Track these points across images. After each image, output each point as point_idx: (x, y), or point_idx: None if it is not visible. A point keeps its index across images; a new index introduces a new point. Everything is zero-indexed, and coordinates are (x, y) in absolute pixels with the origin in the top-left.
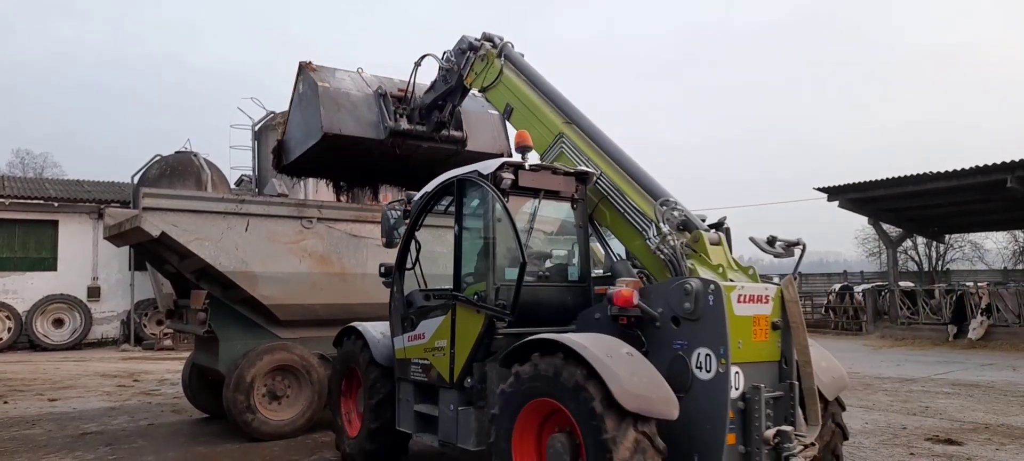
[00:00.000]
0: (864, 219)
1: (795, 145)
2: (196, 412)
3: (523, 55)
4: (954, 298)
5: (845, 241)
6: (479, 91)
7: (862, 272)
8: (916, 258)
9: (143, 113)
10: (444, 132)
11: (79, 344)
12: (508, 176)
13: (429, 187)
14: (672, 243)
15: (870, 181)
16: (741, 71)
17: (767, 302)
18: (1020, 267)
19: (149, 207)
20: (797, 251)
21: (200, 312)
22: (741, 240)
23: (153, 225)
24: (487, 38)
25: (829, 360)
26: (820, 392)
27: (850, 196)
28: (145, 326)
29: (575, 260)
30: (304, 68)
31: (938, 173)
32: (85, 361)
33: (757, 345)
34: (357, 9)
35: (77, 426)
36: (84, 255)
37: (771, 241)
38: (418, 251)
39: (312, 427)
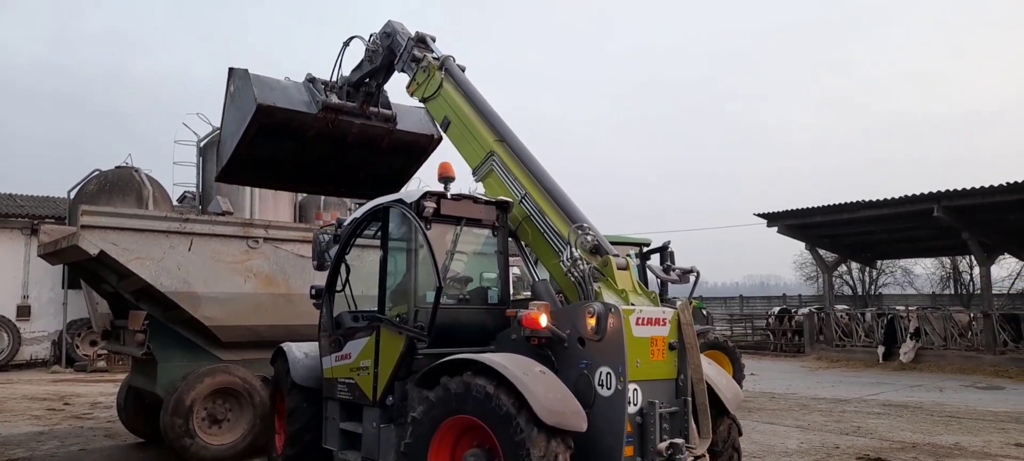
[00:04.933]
0: (802, 244)
1: (736, 175)
2: (131, 437)
3: (464, 70)
4: (885, 321)
5: (785, 265)
6: (420, 101)
7: (800, 295)
8: (850, 282)
9: (82, 125)
10: (373, 109)
11: (6, 366)
12: (430, 204)
13: (358, 213)
14: (582, 266)
15: (807, 208)
16: (687, 109)
17: (664, 324)
18: (948, 292)
19: (87, 225)
20: (692, 278)
21: (139, 333)
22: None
23: (91, 243)
24: (420, 39)
25: (726, 378)
26: (724, 406)
27: (788, 222)
28: (78, 347)
29: (495, 284)
30: (234, 71)
31: (870, 202)
32: (12, 383)
33: (655, 364)
34: (311, 20)
35: (2, 452)
36: (15, 272)
37: (667, 269)
38: (348, 274)
39: (253, 452)
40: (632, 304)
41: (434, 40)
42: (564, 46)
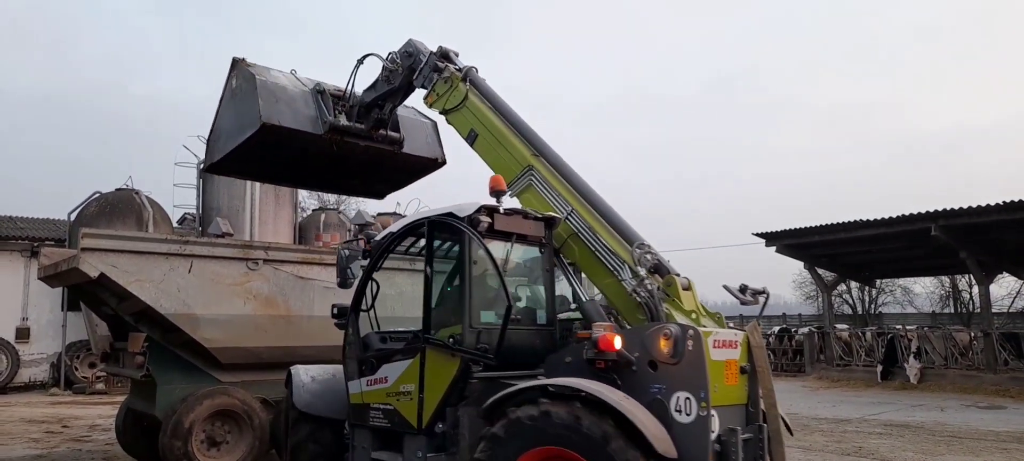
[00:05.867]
0: (801, 263)
1: (735, 193)
2: (129, 460)
3: (484, 80)
4: (885, 341)
5: (784, 284)
6: (441, 113)
7: (800, 315)
8: (850, 302)
9: (82, 146)
10: (382, 132)
11: (5, 388)
12: (486, 219)
13: (394, 227)
14: (649, 287)
15: (805, 227)
16: (686, 126)
17: (736, 347)
18: (947, 311)
19: (88, 247)
20: (761, 299)
21: (138, 355)
22: (711, 286)
23: (92, 266)
24: (443, 53)
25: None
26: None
27: (787, 242)
28: (77, 369)
29: (542, 303)
30: (238, 63)
31: (868, 221)
32: (10, 406)
33: (728, 389)
34: (311, 45)
35: None
36: (14, 294)
37: (743, 289)
38: (376, 293)
39: None
40: (704, 326)
41: (458, 55)
42: (555, 62)
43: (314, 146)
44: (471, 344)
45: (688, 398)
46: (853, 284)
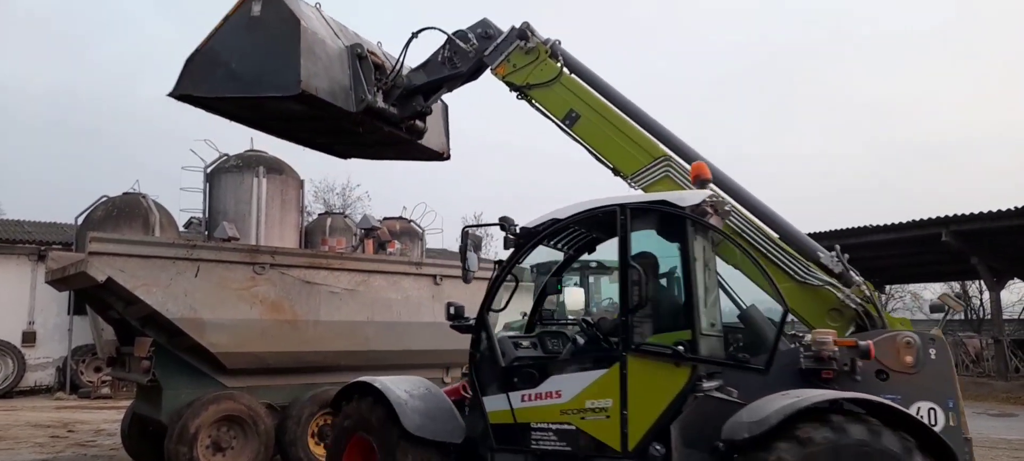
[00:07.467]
0: None
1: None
2: None
3: (575, 57)
4: None
5: None
6: (516, 86)
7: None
8: None
9: (89, 151)
10: (413, 122)
11: (10, 392)
12: (712, 212)
13: (562, 215)
14: (866, 292)
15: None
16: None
17: None
18: (958, 318)
19: (96, 251)
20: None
21: (144, 360)
22: None
23: (99, 270)
24: (526, 27)
25: None
26: None
27: None
28: (82, 373)
29: (716, 306)
30: None
31: (878, 226)
32: (16, 410)
33: None
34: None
35: None
36: (21, 298)
37: (959, 297)
38: (514, 291)
39: None
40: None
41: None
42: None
43: (332, 115)
44: (716, 352)
45: (932, 408)
46: None
